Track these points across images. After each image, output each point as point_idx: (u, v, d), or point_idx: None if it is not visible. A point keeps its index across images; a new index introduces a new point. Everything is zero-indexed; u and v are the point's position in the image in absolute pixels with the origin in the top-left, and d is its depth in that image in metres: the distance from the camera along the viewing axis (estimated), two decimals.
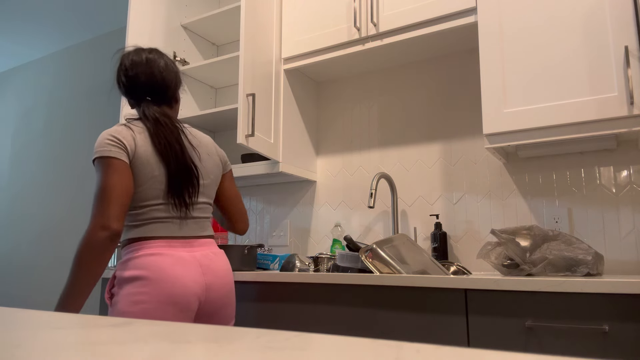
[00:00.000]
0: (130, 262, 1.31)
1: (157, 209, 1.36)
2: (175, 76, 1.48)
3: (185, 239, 1.40)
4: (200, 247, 1.43)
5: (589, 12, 1.53)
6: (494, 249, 1.45)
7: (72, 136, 3.68)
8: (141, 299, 1.27)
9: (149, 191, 1.35)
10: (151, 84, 1.42)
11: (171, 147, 1.36)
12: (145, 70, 1.42)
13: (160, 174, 1.35)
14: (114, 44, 3.59)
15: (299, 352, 0.32)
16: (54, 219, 3.64)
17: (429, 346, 0.34)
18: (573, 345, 1.18)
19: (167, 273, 1.30)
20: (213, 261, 1.42)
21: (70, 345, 0.35)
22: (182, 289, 1.31)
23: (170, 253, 1.34)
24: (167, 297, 1.28)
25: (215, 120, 2.47)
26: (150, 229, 1.35)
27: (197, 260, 1.38)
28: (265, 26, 2.12)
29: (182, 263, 1.34)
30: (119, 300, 1.28)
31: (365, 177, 2.24)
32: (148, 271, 1.29)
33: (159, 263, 1.30)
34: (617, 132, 1.45)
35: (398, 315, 1.42)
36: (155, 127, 1.37)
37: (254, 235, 2.53)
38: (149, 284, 1.28)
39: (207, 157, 1.49)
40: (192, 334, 0.40)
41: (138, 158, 1.33)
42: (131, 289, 1.28)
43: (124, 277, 1.30)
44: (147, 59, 1.43)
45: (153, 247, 1.33)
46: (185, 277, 1.33)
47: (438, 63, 2.13)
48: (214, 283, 1.40)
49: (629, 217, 1.67)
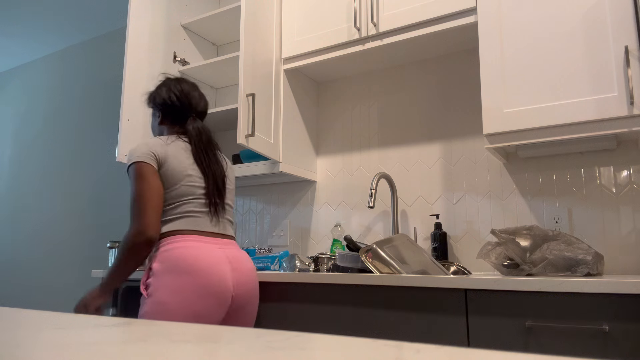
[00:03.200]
0: (165, 255, 1.38)
1: (190, 202, 1.47)
2: (207, 104, 1.72)
3: (215, 236, 1.50)
4: (228, 246, 1.52)
5: (589, 12, 1.53)
6: (494, 249, 1.45)
7: (71, 136, 3.68)
8: (179, 289, 1.34)
9: (183, 188, 1.47)
10: (196, 105, 1.64)
11: (207, 153, 1.56)
12: (195, 95, 1.65)
13: (195, 174, 1.50)
14: (114, 44, 3.59)
15: (299, 352, 0.32)
16: (54, 218, 3.64)
17: (429, 346, 0.34)
18: (573, 345, 1.18)
19: (203, 265, 1.38)
20: (240, 260, 1.50)
21: (70, 345, 0.35)
22: (218, 280, 1.39)
23: (204, 246, 1.42)
24: (204, 287, 1.36)
25: (215, 120, 2.47)
26: (183, 223, 1.45)
27: (227, 256, 1.47)
28: (265, 26, 2.12)
29: (216, 257, 1.42)
30: (157, 290, 1.35)
31: (365, 177, 2.24)
32: (185, 263, 1.36)
33: (195, 255, 1.38)
34: (617, 132, 1.45)
35: (398, 315, 1.42)
36: (199, 136, 1.57)
37: (254, 235, 2.53)
38: (186, 274, 1.35)
39: (230, 169, 1.68)
40: (192, 334, 0.40)
41: (169, 160, 1.47)
42: (168, 280, 1.35)
43: (160, 269, 1.37)
44: (192, 85, 1.68)
45: (187, 240, 1.42)
46: (221, 269, 1.41)
47: (438, 63, 2.13)
48: (241, 280, 1.47)
49: (629, 217, 1.67)
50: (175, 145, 1.53)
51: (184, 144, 1.55)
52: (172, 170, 1.47)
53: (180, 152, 1.52)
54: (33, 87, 4.09)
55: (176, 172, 1.48)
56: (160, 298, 1.34)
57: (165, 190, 1.47)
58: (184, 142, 1.56)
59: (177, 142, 1.55)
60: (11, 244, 3.91)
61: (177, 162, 1.49)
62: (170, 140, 1.54)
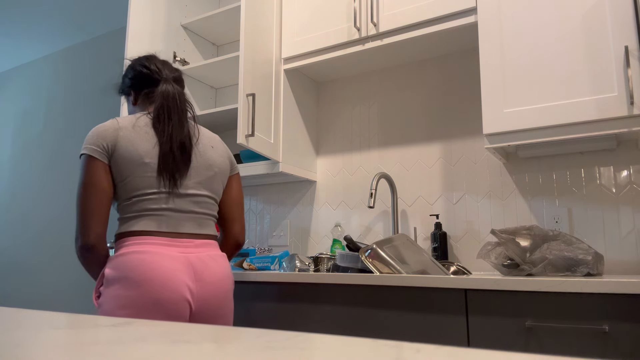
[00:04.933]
0: (117, 260, 1.23)
1: (148, 199, 1.28)
2: (177, 70, 1.51)
3: (180, 237, 1.30)
4: (197, 249, 1.31)
5: (589, 12, 1.53)
6: (494, 249, 1.45)
7: (71, 136, 3.68)
8: (126, 303, 1.18)
9: (137, 180, 1.27)
10: (163, 68, 1.44)
11: (169, 117, 1.32)
12: (160, 60, 1.47)
13: (153, 160, 1.28)
14: (114, 44, 3.59)
15: (299, 351, 0.32)
16: (53, 218, 3.64)
17: (429, 346, 0.34)
18: (573, 345, 1.18)
19: (155, 275, 1.20)
20: (208, 266, 1.30)
21: (70, 345, 0.35)
22: (171, 293, 1.20)
23: (161, 252, 1.24)
24: (154, 301, 1.19)
25: (215, 120, 2.47)
26: (142, 223, 1.27)
27: (190, 262, 1.27)
28: (265, 26, 2.12)
29: (174, 264, 1.23)
30: (106, 301, 1.21)
31: (365, 177, 2.24)
32: (135, 272, 1.20)
33: (148, 263, 1.21)
34: (617, 132, 1.45)
35: (398, 315, 1.42)
36: (164, 100, 1.34)
37: (254, 235, 2.53)
38: (135, 286, 1.19)
39: (211, 149, 1.42)
40: (192, 334, 0.40)
41: (121, 147, 1.27)
42: (117, 291, 1.20)
43: (110, 277, 1.22)
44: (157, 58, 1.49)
45: (142, 243, 1.24)
46: (177, 280, 1.22)
47: (438, 63, 2.13)
48: (205, 291, 1.28)
49: (629, 217, 1.67)
50: (137, 128, 1.31)
51: (150, 121, 1.34)
52: (124, 159, 1.26)
53: (140, 136, 1.29)
54: (33, 86, 4.09)
55: (128, 161, 1.26)
56: (107, 310, 1.19)
57: (120, 182, 1.28)
58: (149, 118, 1.34)
59: (142, 119, 1.33)
60: (11, 243, 3.90)
61: (131, 149, 1.27)
62: (136, 119, 1.33)
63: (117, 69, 3.49)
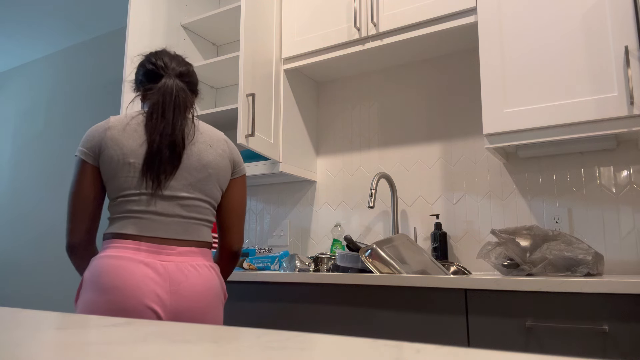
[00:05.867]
0: (93, 263, 1.19)
1: (132, 200, 1.22)
2: (185, 63, 1.43)
3: (161, 242, 1.21)
4: (179, 257, 1.22)
5: (589, 12, 1.53)
6: (494, 249, 1.45)
7: (71, 136, 3.68)
8: (94, 309, 1.14)
9: (121, 181, 1.22)
10: (169, 62, 1.36)
11: (163, 115, 1.25)
12: (168, 54, 1.39)
13: (137, 160, 1.22)
14: (114, 44, 3.59)
15: (299, 352, 0.32)
16: (53, 218, 3.64)
17: (429, 346, 0.34)
18: (573, 345, 1.18)
19: (124, 282, 1.13)
20: (188, 277, 1.20)
21: (70, 345, 0.35)
22: (136, 302, 1.13)
23: (133, 257, 1.17)
24: (119, 309, 1.13)
25: (215, 120, 2.47)
26: (123, 225, 1.21)
27: (168, 271, 1.18)
28: (265, 26, 2.12)
29: (145, 271, 1.16)
30: (79, 305, 1.18)
31: (365, 177, 2.24)
32: (105, 278, 1.15)
33: (118, 269, 1.15)
34: (617, 132, 1.45)
35: (398, 315, 1.42)
36: (162, 96, 1.27)
37: (254, 235, 2.53)
38: (103, 292, 1.14)
39: (208, 147, 1.32)
40: (192, 334, 0.40)
41: (107, 148, 1.23)
42: (88, 296, 1.16)
43: (86, 280, 1.19)
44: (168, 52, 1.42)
45: (119, 248, 1.19)
46: (144, 288, 1.14)
47: (438, 63, 2.13)
48: (180, 303, 1.18)
49: (629, 217, 1.67)
50: (127, 127, 1.25)
51: (144, 119, 1.28)
52: (109, 158, 1.22)
53: (128, 135, 1.24)
54: (34, 86, 4.09)
55: (113, 162, 1.22)
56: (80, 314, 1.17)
57: (107, 183, 1.25)
58: (144, 116, 1.28)
59: (137, 117, 1.27)
60: (11, 243, 3.90)
61: (116, 149, 1.22)
62: (130, 118, 1.27)
63: (117, 69, 3.49)
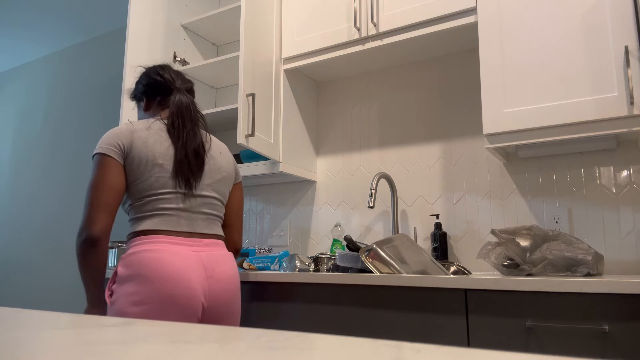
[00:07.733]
0: (131, 259, 1.25)
1: (163, 199, 1.32)
2: (189, 81, 1.58)
3: (191, 236, 1.34)
4: (207, 247, 1.36)
5: (589, 12, 1.53)
6: (494, 249, 1.45)
7: (71, 136, 3.68)
8: (140, 299, 1.21)
9: (151, 180, 1.31)
10: (177, 77, 1.51)
11: (184, 125, 1.39)
12: (174, 71, 1.54)
13: (166, 162, 1.33)
14: (113, 44, 3.59)
15: (299, 351, 0.32)
16: (54, 218, 3.64)
17: (429, 346, 0.34)
18: (573, 345, 1.18)
19: (169, 271, 1.23)
20: (219, 264, 1.35)
21: (70, 345, 0.35)
22: (185, 289, 1.24)
23: (173, 250, 1.27)
24: (168, 297, 1.22)
25: (215, 120, 2.47)
26: (154, 222, 1.30)
27: (202, 260, 1.32)
28: (265, 26, 2.11)
29: (186, 262, 1.27)
30: (118, 298, 1.23)
31: (365, 177, 2.24)
32: (148, 269, 1.22)
33: (161, 261, 1.24)
34: (617, 132, 1.45)
35: (398, 315, 1.42)
36: (178, 109, 1.41)
37: (254, 235, 2.53)
38: (149, 283, 1.21)
39: (219, 154, 1.49)
40: (192, 334, 0.40)
41: (136, 148, 1.32)
42: (130, 288, 1.22)
43: (124, 275, 1.24)
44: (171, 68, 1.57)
45: (156, 242, 1.27)
46: (190, 277, 1.26)
47: (438, 63, 2.13)
48: (217, 290, 1.33)
49: (629, 217, 1.67)
50: (150, 131, 1.36)
51: (164, 126, 1.40)
52: (139, 159, 1.31)
53: (154, 139, 1.35)
54: (34, 86, 4.09)
55: (143, 162, 1.31)
56: (120, 308, 1.21)
57: (133, 183, 1.32)
58: (163, 123, 1.40)
59: (155, 124, 1.39)
60: (11, 243, 3.91)
61: (146, 151, 1.32)
62: (150, 123, 1.39)
63: (117, 69, 3.49)
